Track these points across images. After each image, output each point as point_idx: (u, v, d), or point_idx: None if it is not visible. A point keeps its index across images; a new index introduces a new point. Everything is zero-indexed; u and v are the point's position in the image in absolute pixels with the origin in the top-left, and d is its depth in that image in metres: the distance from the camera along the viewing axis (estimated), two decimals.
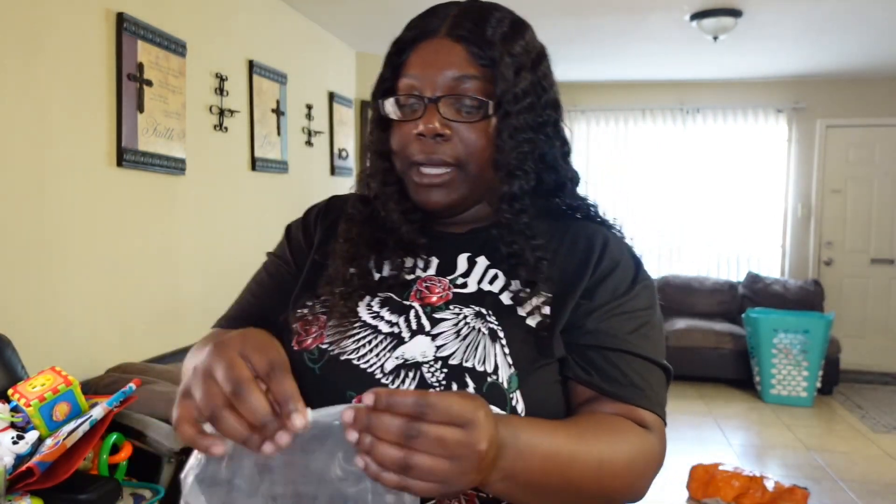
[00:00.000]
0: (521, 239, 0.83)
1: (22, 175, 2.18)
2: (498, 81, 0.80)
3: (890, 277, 6.00)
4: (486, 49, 0.81)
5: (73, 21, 2.35)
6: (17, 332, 2.05)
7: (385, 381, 0.76)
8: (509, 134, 0.81)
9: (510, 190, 0.83)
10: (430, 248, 0.87)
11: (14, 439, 1.59)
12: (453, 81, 0.80)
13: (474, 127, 0.81)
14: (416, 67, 0.82)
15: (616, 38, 4.76)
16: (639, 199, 6.37)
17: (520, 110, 0.82)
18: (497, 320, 0.80)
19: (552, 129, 0.87)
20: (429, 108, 0.80)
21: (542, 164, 0.87)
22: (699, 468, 3.28)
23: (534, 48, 0.87)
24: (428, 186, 0.82)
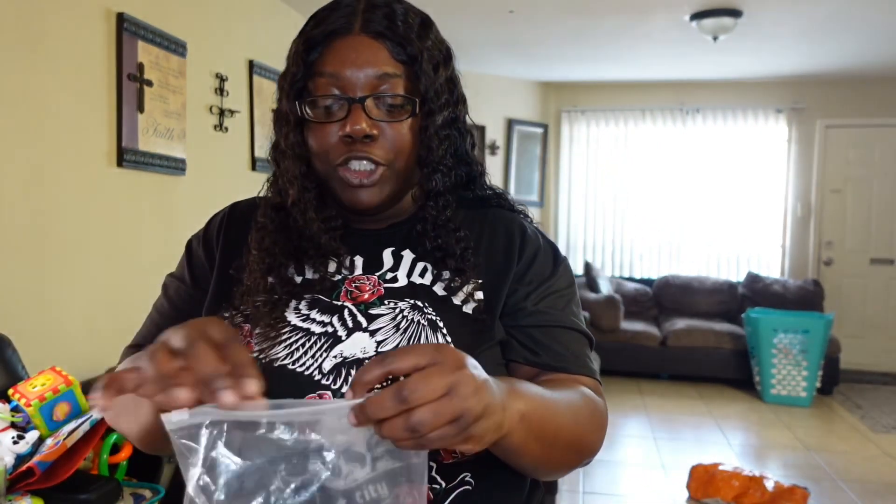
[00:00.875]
0: (445, 233, 0.84)
1: (22, 175, 2.18)
2: (421, 78, 0.80)
3: (890, 277, 6.00)
4: (405, 46, 0.80)
5: (73, 21, 2.35)
6: (17, 332, 2.05)
7: (325, 382, 0.75)
8: (434, 131, 0.82)
9: (436, 186, 0.84)
10: (352, 247, 0.86)
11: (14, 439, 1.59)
12: (376, 80, 0.78)
13: (400, 125, 0.80)
14: (334, 65, 0.79)
15: (616, 38, 4.76)
16: (639, 199, 6.37)
17: (440, 106, 0.82)
18: (434, 311, 0.80)
19: (462, 123, 0.89)
20: (354, 109, 0.78)
21: (456, 158, 0.89)
22: (699, 468, 3.28)
23: (443, 44, 0.86)
24: (358, 187, 0.80)
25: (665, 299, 6.04)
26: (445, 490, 0.77)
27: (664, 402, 4.97)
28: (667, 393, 5.23)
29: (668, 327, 5.65)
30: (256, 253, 0.84)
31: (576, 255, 6.52)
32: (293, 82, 0.82)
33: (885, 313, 5.99)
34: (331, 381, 0.75)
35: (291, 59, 0.83)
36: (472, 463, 0.79)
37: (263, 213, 0.87)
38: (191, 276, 0.91)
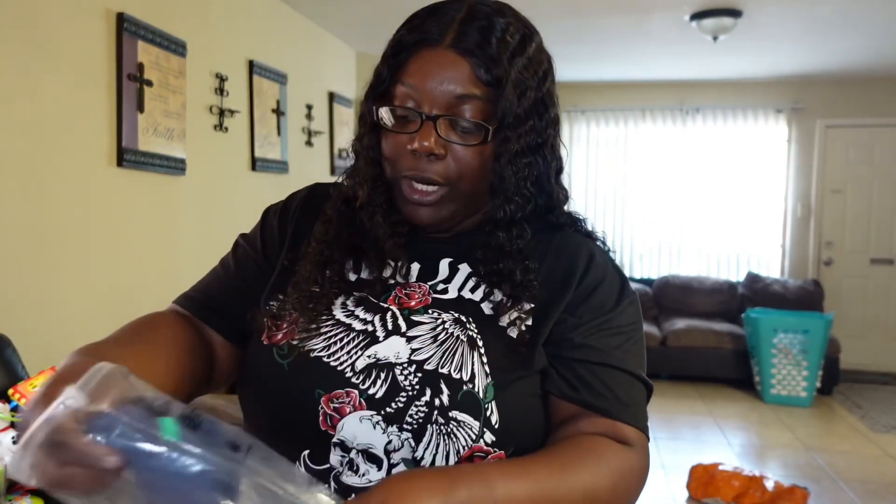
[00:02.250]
0: (512, 261, 0.80)
1: (22, 175, 2.18)
2: (500, 103, 0.76)
3: (890, 277, 6.00)
4: (491, 67, 0.76)
5: (73, 21, 2.35)
6: (17, 332, 2.05)
7: (355, 381, 0.74)
8: (508, 159, 0.78)
9: (505, 217, 0.80)
10: (412, 253, 0.85)
11: (14, 439, 1.59)
12: (454, 100, 0.76)
13: (470, 148, 0.78)
14: (416, 77, 0.77)
15: (616, 38, 4.76)
16: (639, 199, 6.37)
17: (522, 133, 0.78)
18: (477, 328, 0.77)
19: (549, 149, 0.83)
20: (425, 125, 0.76)
21: (537, 186, 0.83)
22: (699, 468, 3.28)
23: (540, 63, 0.81)
24: (417, 204, 0.79)
25: (665, 299, 6.04)
26: None
27: (664, 402, 4.96)
28: (667, 393, 5.23)
29: (668, 327, 5.65)
30: (316, 244, 0.84)
31: None
32: (377, 84, 0.81)
33: (885, 313, 5.99)
34: (360, 380, 0.74)
35: (382, 59, 0.82)
36: None
37: (333, 206, 0.87)
38: (262, 243, 0.92)
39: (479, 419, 0.72)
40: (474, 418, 0.72)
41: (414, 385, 0.73)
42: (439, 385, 0.73)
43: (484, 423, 0.72)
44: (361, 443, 0.73)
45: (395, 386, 0.74)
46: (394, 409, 0.73)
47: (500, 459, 0.73)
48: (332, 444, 0.74)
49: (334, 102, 4.59)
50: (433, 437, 0.72)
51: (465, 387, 0.73)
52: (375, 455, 0.73)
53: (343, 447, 0.74)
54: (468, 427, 0.72)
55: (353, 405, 0.74)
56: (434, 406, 0.72)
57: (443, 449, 0.73)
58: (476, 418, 0.72)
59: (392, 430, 0.72)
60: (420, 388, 0.73)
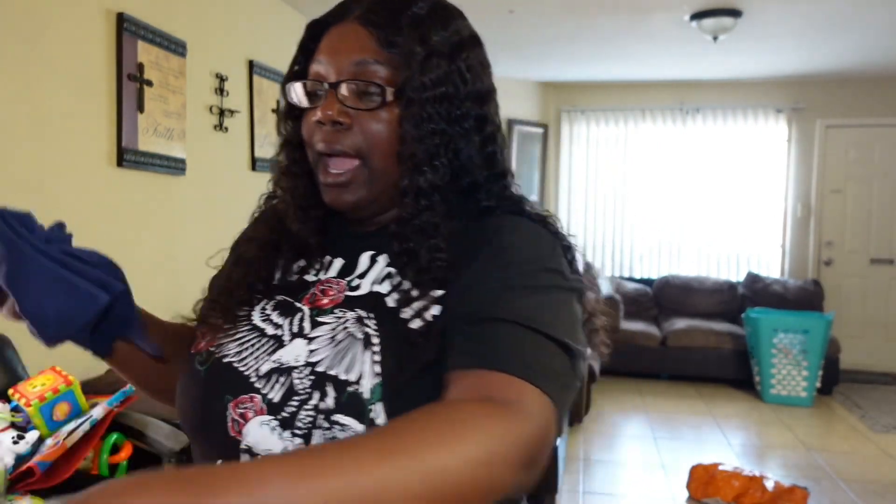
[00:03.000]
0: (419, 237, 0.75)
1: (22, 175, 2.18)
2: (402, 67, 0.75)
3: (890, 277, 6.00)
4: (394, 35, 0.75)
5: (73, 21, 2.35)
6: (18, 332, 2.05)
7: (258, 385, 0.73)
8: (413, 124, 0.75)
9: (414, 184, 0.76)
10: (336, 248, 0.84)
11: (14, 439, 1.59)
12: (355, 67, 0.75)
13: (376, 116, 0.76)
14: (324, 52, 0.78)
15: (616, 38, 4.76)
16: (639, 199, 6.37)
17: (427, 99, 0.75)
18: (377, 325, 0.73)
19: (473, 123, 0.79)
20: (328, 95, 0.76)
21: (458, 160, 0.78)
22: (699, 468, 3.28)
23: (456, 35, 0.79)
24: (333, 186, 0.78)
25: (665, 299, 6.04)
26: None
27: (664, 402, 4.97)
28: (667, 393, 5.23)
29: (668, 327, 5.65)
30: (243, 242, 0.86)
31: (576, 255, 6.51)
32: (293, 67, 0.82)
33: (885, 313, 5.99)
34: (262, 384, 0.73)
35: (298, 45, 0.84)
36: None
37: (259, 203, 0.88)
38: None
39: (364, 422, 0.68)
40: (358, 421, 0.68)
41: (306, 388, 0.71)
42: (325, 387, 0.70)
43: (368, 425, 0.68)
44: (263, 448, 0.72)
45: (291, 390, 0.72)
46: (288, 413, 0.71)
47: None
48: (240, 450, 0.73)
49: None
50: (319, 441, 0.69)
51: (350, 388, 0.69)
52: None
53: (251, 453, 0.73)
54: (351, 431, 0.68)
55: (256, 410, 0.73)
56: (319, 409, 0.70)
57: None
58: (360, 421, 0.68)
59: (286, 434, 0.70)
60: (310, 391, 0.71)
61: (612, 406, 4.82)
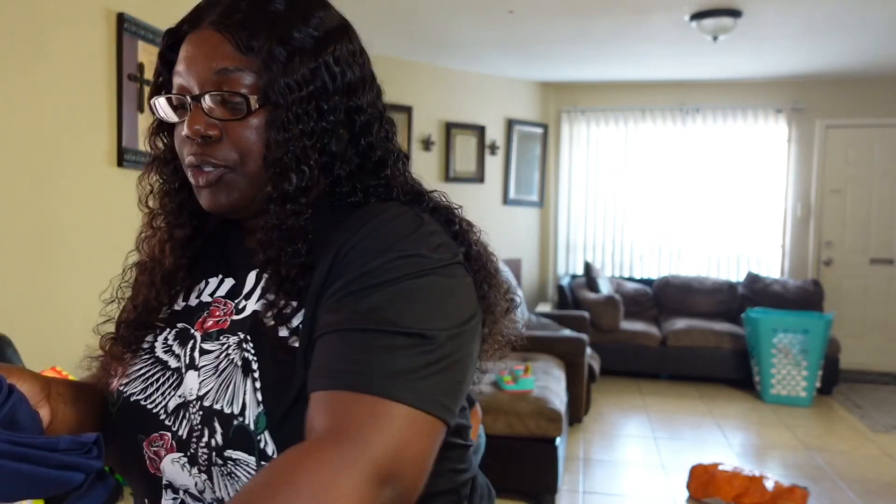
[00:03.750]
0: (284, 244, 0.71)
1: (22, 175, 2.18)
2: (263, 72, 0.71)
3: (889, 277, 6.00)
4: (250, 38, 0.71)
5: (73, 21, 2.35)
6: (17, 332, 2.05)
7: (168, 423, 0.71)
8: (278, 129, 0.71)
9: (279, 189, 0.71)
10: (231, 266, 0.80)
11: None
12: (215, 76, 0.71)
13: (244, 125, 0.72)
14: (183, 63, 0.73)
15: (616, 38, 4.76)
16: (639, 199, 6.38)
17: (293, 101, 0.71)
18: (255, 348, 0.70)
19: (343, 116, 0.75)
20: (194, 108, 0.72)
21: (328, 157, 0.75)
22: (699, 468, 3.28)
23: (320, 28, 0.74)
24: (206, 187, 0.74)
25: (665, 299, 6.04)
26: None
27: (664, 402, 4.97)
28: (667, 393, 5.23)
29: (668, 327, 5.65)
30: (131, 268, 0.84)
31: (576, 255, 6.52)
32: (155, 79, 0.79)
33: (885, 313, 5.99)
34: (171, 421, 0.71)
35: (158, 54, 0.79)
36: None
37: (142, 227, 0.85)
38: None
39: (254, 454, 0.66)
40: (248, 454, 0.66)
41: (197, 424, 0.69)
42: (213, 423, 0.68)
43: (259, 456, 0.66)
44: (181, 484, 0.71)
45: (191, 426, 0.70)
46: (193, 449, 0.70)
47: None
48: (162, 486, 0.72)
49: None
50: (220, 478, 0.68)
51: (236, 421, 0.67)
52: (196, 496, 0.71)
53: (172, 488, 0.72)
54: (244, 465, 0.67)
55: (166, 448, 0.71)
56: (211, 447, 0.68)
57: (232, 489, 0.68)
58: (250, 453, 0.66)
59: (194, 471, 0.70)
60: (201, 427, 0.69)
61: (612, 406, 4.82)
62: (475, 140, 5.99)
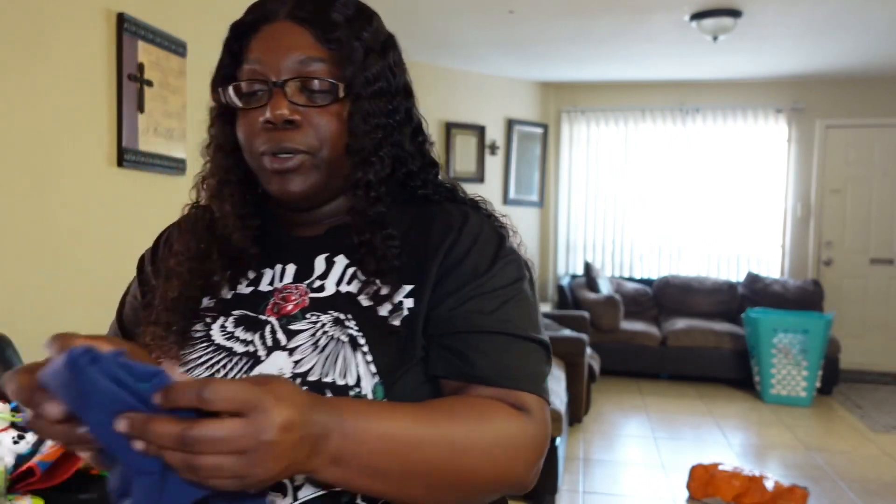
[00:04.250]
0: (373, 228, 0.77)
1: (22, 175, 2.18)
2: (346, 64, 0.76)
3: (889, 277, 6.00)
4: (331, 31, 0.76)
5: (73, 21, 2.35)
6: (18, 332, 2.05)
7: None
8: (362, 118, 0.76)
9: (365, 177, 0.77)
10: (287, 255, 0.82)
11: (15, 439, 1.59)
12: (299, 64, 0.75)
13: (326, 112, 0.75)
14: (258, 52, 0.76)
15: (616, 38, 4.76)
16: (639, 199, 6.38)
17: (371, 94, 0.77)
18: (357, 325, 0.74)
19: (404, 115, 0.82)
20: (275, 94, 0.74)
21: (398, 150, 0.81)
22: (699, 468, 3.28)
23: (382, 34, 0.81)
24: (282, 173, 0.76)
25: (665, 299, 6.04)
26: None
27: (664, 402, 4.97)
28: (667, 393, 5.23)
29: (668, 327, 5.65)
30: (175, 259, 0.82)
31: (576, 255, 6.52)
32: (220, 70, 0.81)
33: (884, 313, 5.99)
34: None
35: (223, 46, 0.82)
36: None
37: (185, 217, 0.85)
38: (140, 288, 0.91)
39: None
40: None
41: None
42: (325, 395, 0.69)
43: None
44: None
45: None
46: None
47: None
48: None
49: None
50: None
51: (352, 392, 0.70)
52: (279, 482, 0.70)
53: None
54: None
55: None
56: None
57: None
58: None
59: None
60: None
61: (612, 406, 4.82)
62: (475, 140, 6.00)
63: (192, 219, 0.86)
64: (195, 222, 0.85)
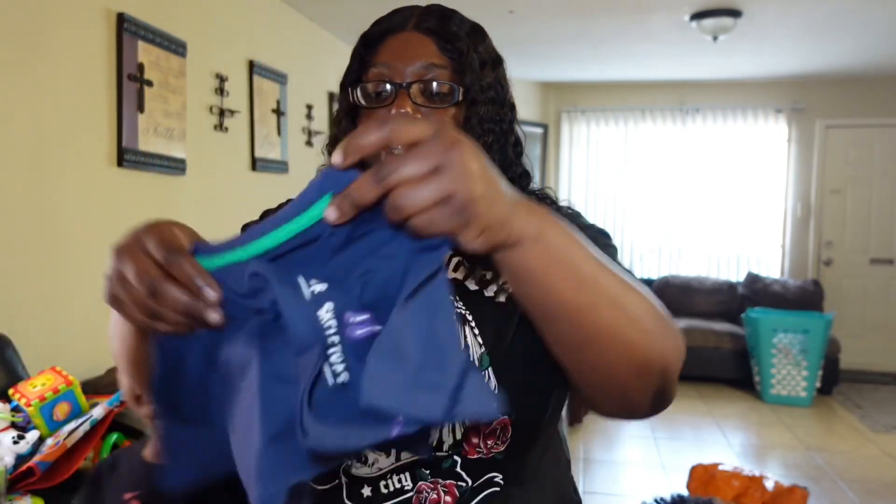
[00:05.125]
0: None
1: (22, 175, 2.18)
2: (466, 71, 0.84)
3: (889, 277, 6.00)
4: (453, 41, 0.84)
5: (73, 21, 2.35)
6: (18, 332, 2.05)
7: None
8: (477, 121, 0.84)
9: None
10: None
11: (15, 439, 1.59)
12: (423, 69, 0.83)
13: (444, 114, 0.83)
14: (386, 57, 0.84)
15: (616, 38, 4.76)
16: (639, 199, 6.37)
17: (485, 101, 0.85)
18: (465, 305, 0.82)
19: (508, 126, 0.90)
20: (400, 94, 0.82)
21: (502, 156, 0.90)
22: (699, 468, 3.28)
23: (493, 50, 0.90)
24: None
25: (665, 299, 5.94)
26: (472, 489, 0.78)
27: None
28: None
29: None
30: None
31: None
32: (349, 74, 0.89)
33: (885, 313, 5.99)
34: None
35: (353, 53, 0.90)
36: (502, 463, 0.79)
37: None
38: None
39: None
40: None
41: None
42: None
43: None
44: None
45: None
46: None
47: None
48: None
49: (334, 102, 4.59)
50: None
51: None
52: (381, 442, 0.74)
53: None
54: None
55: None
56: None
57: (448, 424, 0.76)
58: None
59: None
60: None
61: None
62: None
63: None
64: None
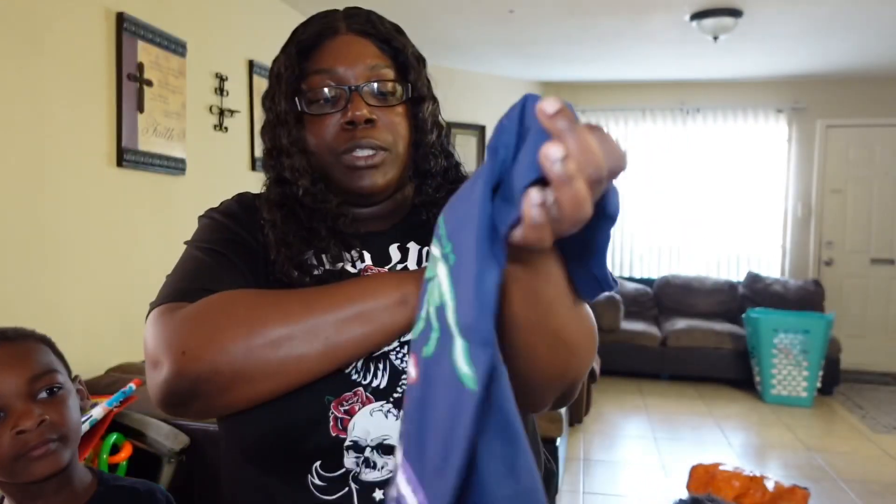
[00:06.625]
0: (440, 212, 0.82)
1: (22, 175, 2.18)
2: (409, 69, 0.86)
3: (890, 277, 6.00)
4: (388, 41, 0.86)
5: (73, 21, 2.35)
6: None
7: (358, 379, 0.76)
8: (425, 116, 0.88)
9: (431, 168, 0.89)
10: (361, 246, 0.88)
11: None
12: (368, 71, 0.84)
13: (394, 112, 0.85)
14: (328, 62, 0.84)
15: (616, 38, 4.76)
16: (639, 199, 6.37)
17: (427, 96, 0.89)
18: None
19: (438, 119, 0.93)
20: (354, 97, 0.82)
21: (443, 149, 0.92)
22: (699, 468, 3.28)
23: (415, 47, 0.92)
24: (364, 169, 0.83)
25: (665, 299, 6.04)
26: None
27: (664, 402, 4.96)
28: (667, 393, 5.23)
29: (668, 327, 5.65)
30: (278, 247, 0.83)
31: None
32: (288, 83, 0.85)
33: (885, 313, 5.99)
34: (362, 376, 0.76)
35: (283, 64, 0.86)
36: None
37: (270, 212, 0.86)
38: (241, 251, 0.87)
39: None
40: None
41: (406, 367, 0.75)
42: None
43: None
44: (375, 437, 0.74)
45: (395, 371, 0.76)
46: (400, 393, 0.75)
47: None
48: (344, 448, 0.74)
49: None
50: None
51: None
52: (390, 446, 0.75)
53: (356, 448, 0.75)
54: None
55: (362, 402, 0.75)
56: None
57: None
58: None
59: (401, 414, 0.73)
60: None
61: (612, 406, 4.82)
62: (475, 140, 5.99)
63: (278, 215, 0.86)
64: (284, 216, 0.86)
